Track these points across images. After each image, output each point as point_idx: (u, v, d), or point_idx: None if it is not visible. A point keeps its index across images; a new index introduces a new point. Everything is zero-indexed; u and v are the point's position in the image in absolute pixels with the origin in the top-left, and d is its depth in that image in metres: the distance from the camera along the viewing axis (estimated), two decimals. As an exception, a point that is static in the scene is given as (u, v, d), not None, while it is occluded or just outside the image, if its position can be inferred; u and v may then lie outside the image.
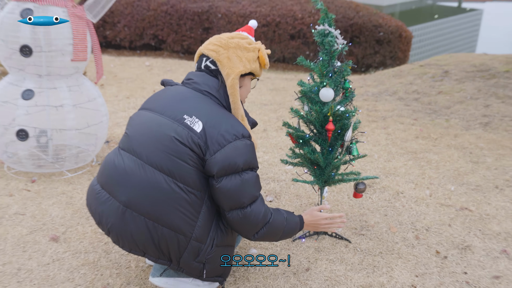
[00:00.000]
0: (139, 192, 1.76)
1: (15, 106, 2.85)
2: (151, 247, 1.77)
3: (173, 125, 1.78)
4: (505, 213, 2.71)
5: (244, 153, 1.80)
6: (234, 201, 1.78)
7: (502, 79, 5.13)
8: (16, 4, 2.80)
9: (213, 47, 1.93)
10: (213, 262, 1.86)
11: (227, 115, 1.86)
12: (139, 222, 1.75)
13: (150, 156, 1.77)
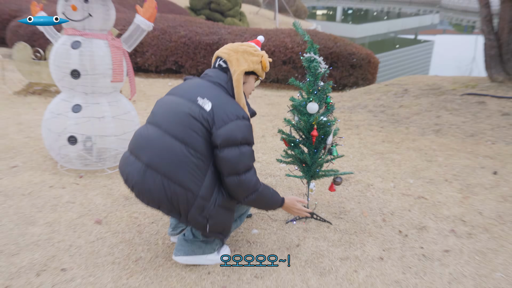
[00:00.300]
0: (158, 155, 1.78)
1: (66, 118, 2.85)
2: (165, 202, 1.78)
3: (189, 104, 1.81)
4: (453, 200, 2.72)
5: (243, 131, 1.81)
6: (232, 168, 1.79)
7: (450, 95, 5.14)
8: (67, 37, 2.81)
9: (226, 51, 1.97)
10: (215, 218, 1.85)
11: (232, 101, 1.88)
12: (156, 180, 1.77)
13: (169, 127, 1.80)
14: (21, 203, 2.56)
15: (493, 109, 4.56)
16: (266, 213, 2.52)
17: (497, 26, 5.15)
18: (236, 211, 2.05)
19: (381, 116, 4.73)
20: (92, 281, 1.89)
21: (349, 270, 2.01)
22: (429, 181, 3.00)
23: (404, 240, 2.27)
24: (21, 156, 3.26)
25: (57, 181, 2.85)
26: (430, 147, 3.67)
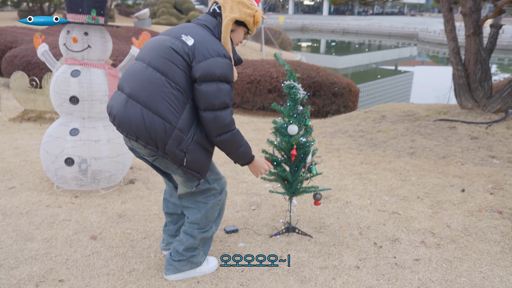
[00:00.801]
0: (139, 85, 1.81)
1: (64, 141, 2.98)
2: (143, 132, 1.79)
3: (172, 39, 1.85)
4: (424, 215, 2.89)
5: (222, 67, 1.82)
6: (208, 103, 1.81)
7: (424, 121, 5.40)
8: (67, 66, 2.98)
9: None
10: (192, 153, 1.86)
11: (215, 40, 1.90)
12: (136, 109, 1.79)
13: (152, 60, 1.83)
14: (19, 221, 2.65)
15: (463, 134, 4.81)
16: (252, 228, 2.65)
17: (464, 57, 5.49)
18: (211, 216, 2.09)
19: (360, 140, 4.94)
20: (89, 290, 1.99)
21: (328, 278, 2.14)
22: (402, 198, 3.17)
23: (378, 251, 2.41)
24: (18, 178, 3.36)
25: (54, 201, 2.95)
26: (405, 168, 3.87)
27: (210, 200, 2.07)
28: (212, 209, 2.08)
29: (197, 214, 2.06)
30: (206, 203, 2.06)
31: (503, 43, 28.34)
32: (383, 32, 43.74)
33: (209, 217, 2.09)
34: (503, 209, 2.96)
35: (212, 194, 2.07)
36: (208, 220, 2.09)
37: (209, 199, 2.06)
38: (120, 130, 1.86)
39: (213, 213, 2.10)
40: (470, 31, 5.20)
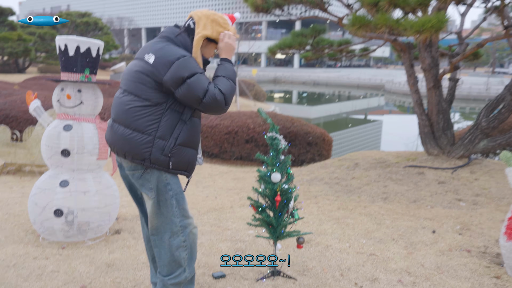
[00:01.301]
0: (119, 110, 2.06)
1: (54, 192, 3.07)
2: (128, 148, 2.01)
3: (138, 62, 2.06)
4: (399, 256, 3.07)
5: (185, 66, 1.98)
6: (193, 101, 1.99)
7: (394, 167, 5.72)
8: (59, 121, 3.14)
9: (199, 14, 2.13)
10: (177, 156, 2.04)
11: (173, 48, 2.04)
12: (119, 130, 2.04)
13: (125, 85, 2.08)
14: (7, 274, 2.67)
15: (431, 179, 5.13)
16: (238, 273, 2.75)
17: (427, 108, 5.95)
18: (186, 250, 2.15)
19: (336, 187, 5.18)
20: (83, 338, 2.03)
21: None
22: (379, 240, 3.36)
23: (359, 290, 2.56)
24: (2, 231, 3.37)
25: (41, 253, 2.98)
26: (379, 212, 4.10)
27: (175, 239, 2.12)
28: (178, 250, 2.12)
29: (164, 255, 2.13)
30: (171, 243, 2.11)
31: (463, 93, 30.16)
32: (352, 83, 45.80)
33: (175, 258, 2.12)
34: (471, 248, 3.19)
35: (175, 232, 2.12)
36: (174, 263, 2.13)
37: (174, 239, 2.11)
38: (114, 152, 2.12)
39: (180, 255, 2.13)
40: (431, 85, 5.69)
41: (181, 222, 2.14)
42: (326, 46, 6.76)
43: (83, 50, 3.07)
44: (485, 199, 4.48)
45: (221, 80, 2.07)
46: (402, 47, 5.58)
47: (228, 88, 2.05)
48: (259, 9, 5.75)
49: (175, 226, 2.12)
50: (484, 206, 4.26)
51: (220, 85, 2.04)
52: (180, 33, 2.11)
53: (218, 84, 2.05)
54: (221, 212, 4.05)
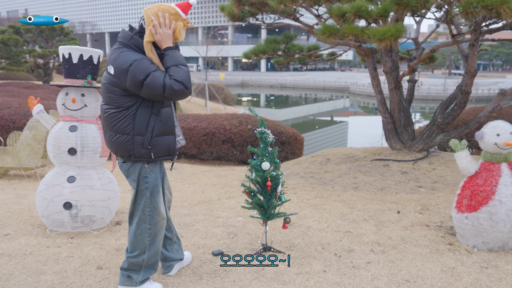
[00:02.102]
0: (102, 118, 2.42)
1: (62, 187, 3.38)
2: (117, 148, 2.37)
3: (105, 74, 2.34)
4: (370, 232, 3.58)
5: (139, 70, 2.20)
6: (157, 96, 2.24)
7: (362, 161, 6.29)
8: (64, 123, 3.45)
9: (149, 13, 2.29)
10: (157, 147, 2.37)
11: (128, 55, 2.25)
12: (107, 135, 2.41)
13: (102, 97, 2.42)
14: (26, 260, 2.97)
15: (395, 170, 5.73)
16: (234, 251, 3.17)
17: (390, 107, 6.57)
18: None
19: (311, 180, 5.67)
20: (112, 303, 2.39)
21: (303, 280, 2.71)
22: (352, 221, 3.87)
23: (339, 259, 3.04)
24: (10, 226, 3.63)
25: (52, 242, 3.28)
26: (351, 199, 4.62)
27: (141, 225, 2.46)
28: (141, 235, 2.45)
29: (130, 235, 2.50)
30: (138, 227, 2.46)
31: (422, 94, 31.76)
32: (318, 86, 47.02)
33: (138, 241, 2.46)
34: (430, 223, 3.75)
35: (143, 219, 2.46)
36: (136, 244, 2.46)
37: (141, 224, 2.46)
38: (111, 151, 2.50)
39: (142, 239, 2.46)
40: (392, 86, 6.31)
41: (150, 212, 2.47)
42: (297, 51, 7.29)
43: (85, 58, 3.41)
44: (442, 185, 5.10)
45: (172, 69, 2.25)
46: (366, 52, 6.17)
47: (182, 74, 2.25)
48: (235, 18, 6.19)
49: (144, 214, 2.46)
50: (441, 191, 4.88)
51: (174, 75, 2.23)
52: (131, 36, 2.32)
53: (172, 74, 2.24)
54: (210, 204, 4.44)
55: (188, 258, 2.95)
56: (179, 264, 2.82)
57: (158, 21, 2.28)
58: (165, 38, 2.31)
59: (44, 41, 20.64)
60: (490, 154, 3.15)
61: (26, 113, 8.34)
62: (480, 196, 3.10)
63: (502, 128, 3.07)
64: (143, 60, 2.24)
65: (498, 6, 3.68)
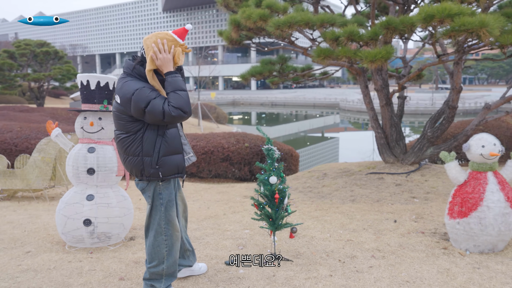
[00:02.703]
0: (116, 142, 2.65)
1: (81, 205, 3.60)
2: (130, 168, 2.60)
3: (114, 103, 2.60)
4: (370, 240, 3.84)
5: (140, 98, 2.42)
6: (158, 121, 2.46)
7: (358, 175, 6.59)
8: (83, 145, 3.69)
9: (148, 43, 2.50)
10: (164, 166, 2.56)
11: (131, 84, 2.47)
12: (122, 157, 2.64)
13: (114, 123, 2.64)
14: (51, 274, 3.17)
15: (389, 182, 6.02)
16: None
17: (382, 123, 6.92)
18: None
19: (310, 194, 5.94)
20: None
21: (312, 284, 2.95)
22: (352, 230, 4.13)
23: (343, 264, 3.29)
24: (29, 244, 3.82)
25: (73, 258, 3.49)
26: (350, 210, 4.88)
27: (158, 237, 2.68)
28: (159, 246, 2.67)
29: (148, 248, 2.72)
30: (155, 239, 2.68)
31: (411, 109, 32.44)
32: (308, 103, 47.68)
33: (156, 252, 2.67)
34: (425, 230, 4.03)
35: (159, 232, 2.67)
36: (155, 255, 2.67)
37: (157, 236, 2.68)
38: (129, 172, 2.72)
39: (160, 251, 2.67)
40: (383, 103, 6.66)
41: (165, 225, 2.69)
42: (291, 71, 7.65)
43: (102, 85, 3.69)
44: (434, 195, 5.40)
45: (171, 96, 2.44)
46: (357, 71, 6.53)
47: (179, 100, 2.43)
48: (233, 42, 6.54)
49: (160, 227, 2.69)
50: (433, 201, 5.17)
51: (172, 101, 2.42)
52: (134, 66, 2.55)
53: (171, 101, 2.43)
54: (217, 219, 4.68)
55: (203, 268, 3.17)
56: (188, 270, 3.05)
57: (157, 48, 2.47)
58: (166, 63, 2.49)
59: (38, 65, 20.89)
60: (477, 164, 3.46)
61: (27, 137, 8.54)
62: (470, 202, 3.39)
63: (486, 140, 3.39)
64: (144, 88, 2.44)
65: (478, 29, 4.05)
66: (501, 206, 3.33)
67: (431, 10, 4.22)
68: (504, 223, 3.34)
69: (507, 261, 3.28)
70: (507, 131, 8.37)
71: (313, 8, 6.79)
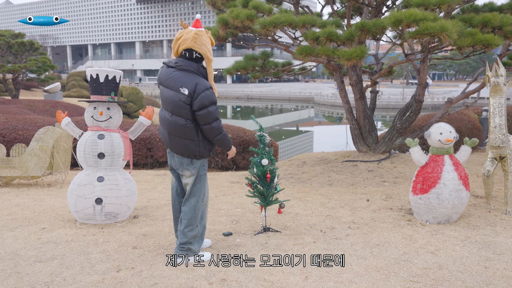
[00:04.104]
0: (172, 127, 3.09)
1: (93, 186, 4.04)
2: (182, 149, 3.09)
3: (178, 94, 3.02)
4: (347, 214, 4.44)
5: (209, 97, 2.99)
6: (206, 120, 3.03)
7: (334, 163, 7.21)
8: (92, 132, 4.11)
9: (198, 46, 3.05)
10: (203, 148, 3.13)
11: (199, 80, 3.02)
12: (175, 139, 3.11)
13: (172, 110, 3.07)
14: (70, 245, 3.61)
15: (362, 169, 6.67)
16: (240, 231, 3.93)
17: (356, 115, 7.55)
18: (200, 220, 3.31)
19: (291, 180, 6.51)
20: (146, 274, 3.10)
21: (299, 248, 3.52)
22: (331, 208, 4.72)
23: (324, 234, 3.87)
24: (43, 222, 4.23)
25: (86, 232, 3.92)
26: (328, 192, 5.49)
27: (198, 202, 3.22)
28: (197, 211, 3.21)
29: (188, 212, 3.21)
30: (196, 204, 3.21)
31: (383, 103, 33.61)
32: (283, 97, 48.40)
33: (195, 215, 3.19)
34: (393, 207, 4.67)
35: (201, 198, 3.23)
36: (194, 219, 3.18)
37: (198, 202, 3.22)
38: (170, 150, 3.23)
39: (196, 215, 3.20)
40: (357, 96, 7.30)
41: (205, 192, 3.28)
42: (272, 66, 8.18)
43: (110, 78, 4.11)
44: (402, 179, 6.07)
45: (227, 135, 3.21)
46: (334, 67, 7.13)
47: (220, 139, 3.16)
48: (219, 39, 7.00)
49: (202, 193, 3.27)
50: (401, 184, 5.84)
51: (225, 133, 3.18)
52: (199, 67, 3.12)
53: (225, 132, 3.17)
54: (210, 201, 5.18)
55: (208, 243, 3.66)
56: None
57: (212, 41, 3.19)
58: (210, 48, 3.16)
59: (12, 56, 20.62)
60: (436, 148, 4.10)
61: (15, 128, 8.75)
62: (430, 181, 4.03)
63: (444, 128, 4.03)
64: (213, 92, 3.07)
65: (439, 33, 4.69)
66: (455, 184, 3.98)
67: (399, 15, 4.83)
68: (457, 197, 4.00)
69: (459, 229, 3.94)
70: (468, 123, 9.19)
71: (294, 8, 7.33)
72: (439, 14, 5.70)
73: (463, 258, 3.28)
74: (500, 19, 5.41)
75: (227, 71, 7.88)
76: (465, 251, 3.41)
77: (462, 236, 3.74)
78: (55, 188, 6.05)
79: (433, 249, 3.46)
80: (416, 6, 5.14)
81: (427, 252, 3.40)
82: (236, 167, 9.22)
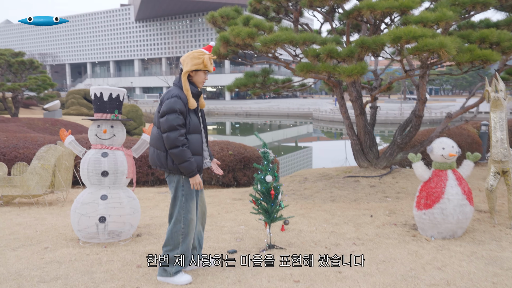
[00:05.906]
0: (151, 137, 3.18)
1: (96, 204, 4.03)
2: (154, 159, 3.12)
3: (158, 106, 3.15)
4: (350, 231, 4.42)
5: (168, 104, 3.00)
6: (162, 128, 3.02)
7: (336, 179, 7.21)
8: (96, 150, 4.12)
9: (183, 58, 3.15)
10: (171, 162, 3.06)
11: (172, 89, 3.09)
12: (151, 149, 3.16)
13: (154, 121, 3.18)
14: (74, 265, 3.58)
15: (364, 184, 6.67)
16: (245, 249, 3.90)
17: (356, 130, 7.59)
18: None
19: (294, 196, 6.50)
20: (162, 287, 3.07)
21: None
22: (335, 224, 4.71)
23: (329, 251, 3.85)
24: (45, 241, 4.20)
25: (90, 251, 3.89)
26: (331, 208, 5.47)
27: (176, 225, 3.12)
28: (176, 232, 3.10)
29: (168, 232, 3.18)
30: (174, 226, 3.12)
31: (381, 118, 33.77)
32: (282, 113, 48.62)
33: (173, 237, 3.10)
34: (397, 223, 4.66)
35: (178, 220, 3.11)
36: (171, 240, 3.10)
37: (176, 224, 3.12)
38: (151, 163, 3.23)
39: (177, 236, 3.11)
40: (358, 112, 7.35)
41: (184, 215, 3.13)
42: (272, 83, 8.25)
43: (114, 96, 4.14)
44: (404, 194, 6.07)
45: (184, 154, 3.01)
46: (334, 84, 7.20)
47: (174, 154, 3.01)
48: (220, 56, 7.08)
49: (180, 215, 3.14)
50: (403, 199, 5.84)
51: (181, 150, 3.00)
52: (179, 80, 3.16)
53: (184, 149, 3.01)
54: (213, 218, 5.16)
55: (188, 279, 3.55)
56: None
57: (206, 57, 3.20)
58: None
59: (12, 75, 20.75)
60: (439, 163, 4.11)
61: (15, 146, 8.75)
62: (433, 196, 4.04)
63: (446, 143, 4.06)
64: (177, 100, 3.04)
65: (438, 49, 4.76)
66: (459, 198, 3.99)
67: (399, 32, 4.91)
68: (461, 212, 3.99)
69: (465, 244, 3.93)
70: (468, 138, 9.24)
71: (294, 26, 7.44)
72: (437, 30, 5.79)
73: (470, 274, 3.26)
74: (498, 35, 5.50)
75: (228, 88, 7.95)
76: (472, 266, 3.39)
77: (468, 252, 3.72)
78: (57, 207, 6.02)
79: (439, 265, 3.44)
80: (415, 23, 5.22)
81: (434, 268, 3.38)
82: (237, 184, 9.21)
